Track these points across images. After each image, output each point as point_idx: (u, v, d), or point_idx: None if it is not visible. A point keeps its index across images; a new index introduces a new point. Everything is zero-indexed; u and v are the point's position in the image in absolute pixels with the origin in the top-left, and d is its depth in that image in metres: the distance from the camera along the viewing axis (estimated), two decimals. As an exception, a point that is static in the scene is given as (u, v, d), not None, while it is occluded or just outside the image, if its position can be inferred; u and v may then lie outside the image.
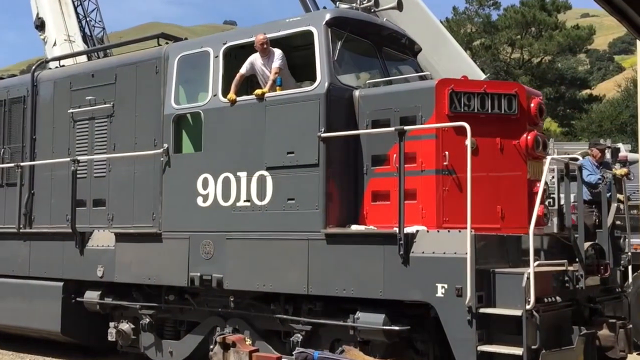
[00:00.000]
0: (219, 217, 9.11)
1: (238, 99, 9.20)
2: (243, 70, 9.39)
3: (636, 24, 3.61)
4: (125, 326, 10.43)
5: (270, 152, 8.75)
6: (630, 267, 9.47)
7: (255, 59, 9.39)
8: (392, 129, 7.99)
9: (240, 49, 9.72)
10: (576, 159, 8.40)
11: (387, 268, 7.79)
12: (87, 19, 25.71)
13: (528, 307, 7.05)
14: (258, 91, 9.03)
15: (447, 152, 7.98)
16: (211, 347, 9.13)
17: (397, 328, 7.83)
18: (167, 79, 10.01)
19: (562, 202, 8.83)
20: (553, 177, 11.74)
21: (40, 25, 20.09)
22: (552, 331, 7.44)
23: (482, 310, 7.26)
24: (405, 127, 7.88)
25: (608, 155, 12.61)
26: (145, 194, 10.10)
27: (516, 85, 8.49)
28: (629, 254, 9.31)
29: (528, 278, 7.10)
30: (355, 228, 8.34)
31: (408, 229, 7.74)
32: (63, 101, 11.51)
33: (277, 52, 9.25)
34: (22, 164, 11.79)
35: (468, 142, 7.50)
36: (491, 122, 8.07)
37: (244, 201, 8.92)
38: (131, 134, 10.45)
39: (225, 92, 9.34)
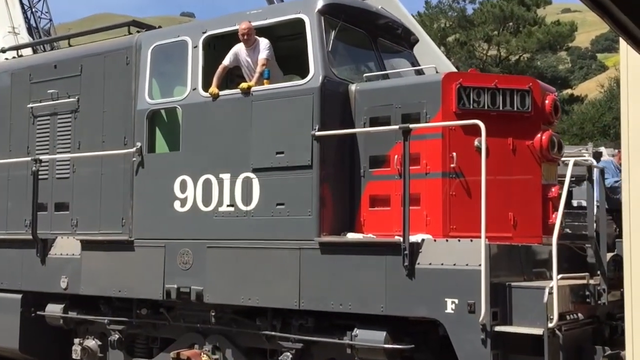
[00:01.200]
0: (199, 223, 8.75)
1: (221, 93, 8.83)
2: (226, 61, 9.02)
3: (619, 20, 3.44)
4: (92, 343, 10.03)
5: (257, 152, 8.40)
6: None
7: (240, 49, 9.01)
8: (396, 127, 7.64)
9: (221, 39, 9.38)
10: (599, 157, 8.05)
11: (389, 281, 7.47)
12: (33, 10, 24.94)
13: (550, 325, 6.73)
14: (244, 84, 8.66)
15: (454, 153, 7.66)
16: None
17: (400, 347, 7.50)
18: (140, 71, 9.61)
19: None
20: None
21: None
22: (573, 352, 7.16)
23: (497, 328, 6.93)
24: (411, 125, 7.52)
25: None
26: (114, 197, 9.73)
27: (530, 79, 8.17)
28: None
29: (550, 293, 6.76)
30: (351, 236, 8.00)
31: (413, 238, 7.42)
32: (21, 95, 11.04)
33: (264, 42, 8.86)
34: (-26, 164, 11.24)
35: (482, 142, 7.16)
36: (502, 120, 7.75)
37: (227, 206, 8.56)
38: (98, 132, 10.03)
39: (205, 86, 8.97)
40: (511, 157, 7.79)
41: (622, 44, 6.20)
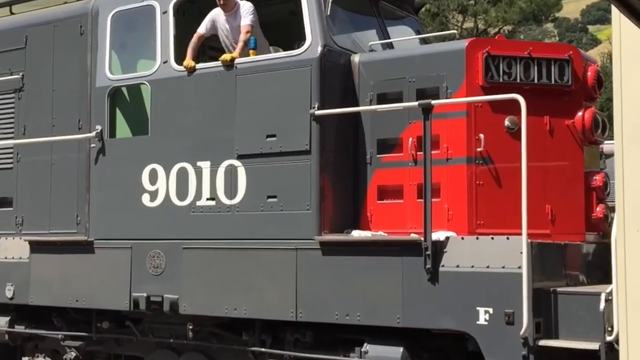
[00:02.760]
0: (173, 220, 8.15)
1: (198, 66, 8.17)
2: (202, 29, 8.34)
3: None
4: (42, 362, 9.43)
5: (243, 135, 7.79)
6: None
7: (217, 14, 8.31)
8: (414, 103, 6.98)
9: (191, 4, 8.86)
10: None
11: (407, 287, 6.86)
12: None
13: (609, 338, 6.07)
14: (226, 56, 7.95)
15: (481, 135, 7.04)
16: None
17: (420, 365, 6.93)
18: (98, 42, 8.88)
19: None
20: None
21: None
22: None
23: (542, 342, 6.32)
24: (433, 102, 6.87)
25: None
26: (67, 190, 9.07)
27: (570, 47, 7.58)
28: None
29: (608, 299, 6.09)
30: (357, 234, 7.36)
31: (435, 235, 6.79)
32: (-46, 71, 10.22)
33: (246, 5, 8.16)
34: None
35: (523, 122, 6.50)
36: (537, 95, 7.08)
37: (207, 199, 7.97)
38: (47, 114, 9.32)
39: (178, 58, 8.29)
40: (548, 140, 7.21)
41: (615, 12, 5.70)
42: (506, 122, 6.98)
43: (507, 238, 6.49)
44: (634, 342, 5.49)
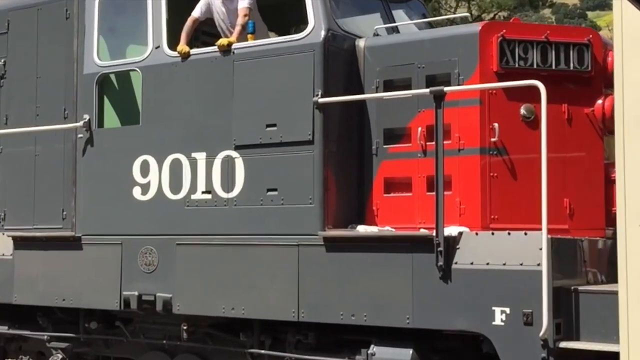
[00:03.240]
0: (166, 215, 8.00)
1: (193, 51, 7.98)
2: (197, 12, 8.17)
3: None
4: (27, 364, 9.37)
5: (241, 124, 7.61)
6: None
7: None
8: (426, 90, 6.76)
9: None
10: None
11: (418, 285, 6.66)
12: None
13: None
14: (223, 40, 7.76)
15: (495, 124, 6.84)
16: None
17: (431, 368, 6.77)
18: (85, 27, 8.68)
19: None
20: None
21: None
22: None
23: (562, 344, 6.12)
24: (446, 88, 6.66)
25: None
26: (52, 183, 8.93)
27: (589, 30, 7.39)
28: None
29: None
30: (363, 230, 7.17)
31: (448, 230, 6.60)
32: None
33: None
34: None
35: (543, 110, 6.24)
36: (555, 82, 6.87)
37: (203, 193, 7.81)
38: (31, 102, 9.15)
39: (171, 43, 8.10)
40: (566, 129, 7.00)
41: None
42: (522, 111, 6.82)
43: (525, 233, 6.30)
44: (635, 341, 5.50)
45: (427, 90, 6.70)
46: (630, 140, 5.66)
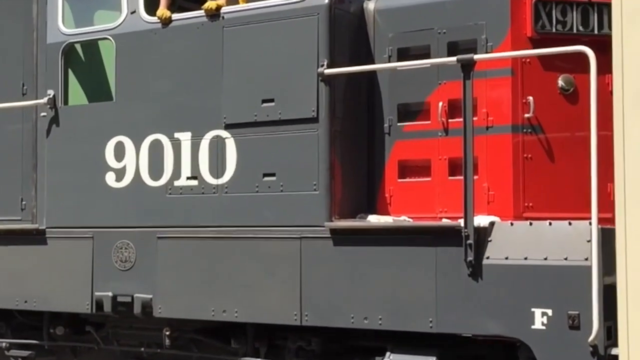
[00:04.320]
0: (145, 204, 7.86)
1: (175, 16, 7.73)
2: None
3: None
4: (-18, 375, 9.16)
5: (233, 100, 7.42)
6: None
7: None
8: (453, 58, 6.39)
9: None
10: None
11: (442, 284, 6.41)
12: None
13: None
14: (210, 3, 7.47)
15: (530, 98, 6.51)
16: None
17: (457, 379, 6.60)
18: None
19: None
20: None
21: None
22: None
23: (614, 351, 5.80)
24: (476, 56, 6.29)
25: None
26: (9, 169, 8.77)
27: None
28: None
29: None
30: (375, 220, 6.87)
31: (477, 221, 6.28)
32: None
33: None
34: None
35: (593, 81, 5.88)
36: (598, 49, 6.42)
37: (188, 179, 7.62)
38: None
39: (149, 8, 7.84)
40: (610, 104, 6.49)
41: None
42: (560, 82, 6.51)
43: (570, 223, 5.99)
44: (635, 337, 5.45)
45: (454, 58, 6.37)
46: (630, 119, 5.72)
